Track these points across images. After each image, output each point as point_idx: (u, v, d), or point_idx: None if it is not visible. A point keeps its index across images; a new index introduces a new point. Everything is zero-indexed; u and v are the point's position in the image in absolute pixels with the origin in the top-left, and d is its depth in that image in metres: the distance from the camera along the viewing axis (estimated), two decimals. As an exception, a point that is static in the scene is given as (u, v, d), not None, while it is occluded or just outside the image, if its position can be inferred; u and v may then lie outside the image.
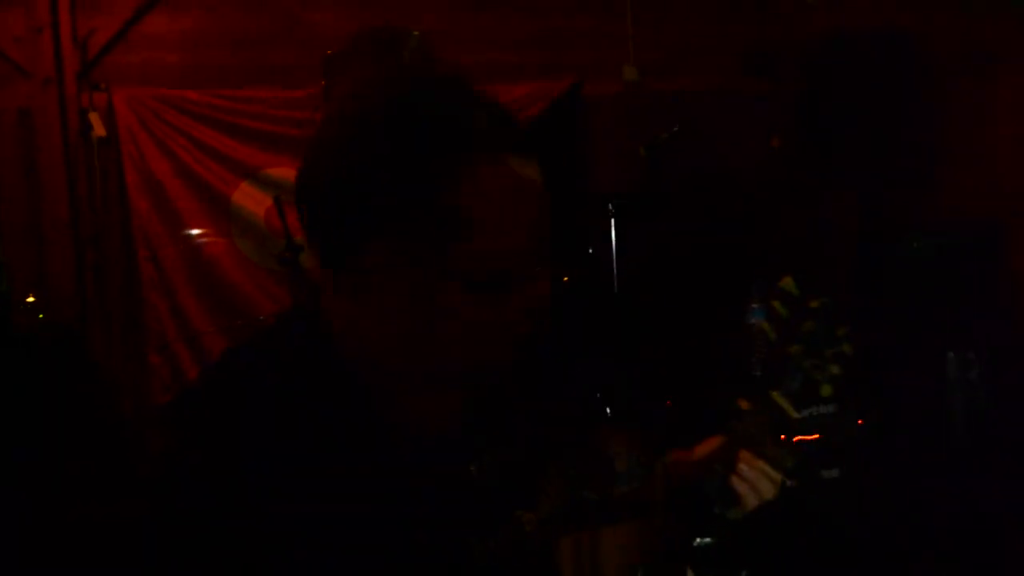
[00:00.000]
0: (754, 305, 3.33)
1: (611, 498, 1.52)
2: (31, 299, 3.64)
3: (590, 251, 3.96)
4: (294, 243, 3.41)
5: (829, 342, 1.04)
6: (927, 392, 3.45)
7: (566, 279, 3.51)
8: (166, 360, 4.15)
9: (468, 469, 1.04)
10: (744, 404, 1.06)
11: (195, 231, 4.23)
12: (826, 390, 1.04)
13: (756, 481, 1.04)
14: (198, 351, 4.20)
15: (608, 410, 3.01)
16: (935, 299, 3.47)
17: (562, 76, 4.66)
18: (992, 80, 4.03)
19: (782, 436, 1.03)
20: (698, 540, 1.04)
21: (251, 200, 4.27)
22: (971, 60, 4.11)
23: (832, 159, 4.46)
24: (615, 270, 3.70)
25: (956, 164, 4.22)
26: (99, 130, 3.99)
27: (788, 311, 1.05)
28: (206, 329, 4.18)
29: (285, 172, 4.31)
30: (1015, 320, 3.60)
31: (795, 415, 1.01)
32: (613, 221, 3.74)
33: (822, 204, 4.64)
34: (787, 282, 1.06)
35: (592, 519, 1.84)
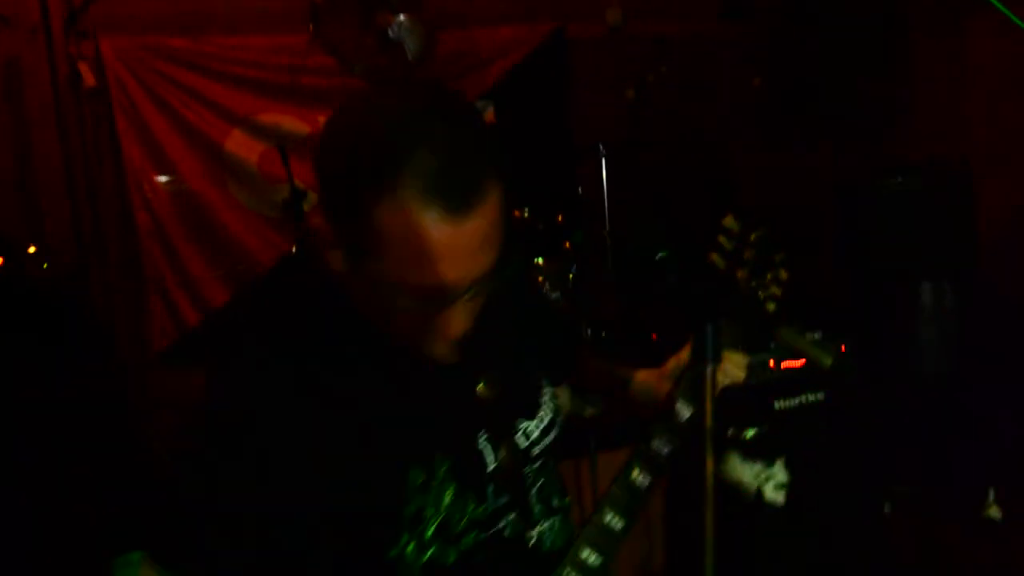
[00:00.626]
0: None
1: (603, 423, 1.67)
2: (33, 249, 3.66)
3: (580, 191, 4.08)
4: (297, 189, 3.49)
5: (768, 267, 1.22)
6: (904, 319, 3.66)
7: (560, 219, 3.63)
8: (165, 306, 4.22)
9: (475, 389, 1.19)
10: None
11: (189, 178, 4.26)
12: (770, 306, 1.22)
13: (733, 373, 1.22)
14: (196, 296, 4.27)
15: (597, 343, 3.15)
16: (912, 233, 3.66)
17: (546, 20, 4.72)
18: (964, 27, 4.18)
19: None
20: (744, 433, 1.19)
21: (243, 147, 4.31)
22: (944, 6, 4.26)
23: (807, 102, 4.60)
24: (606, 210, 3.84)
25: (926, 111, 4.39)
26: (88, 80, 3.98)
27: (732, 244, 1.21)
28: (203, 275, 4.25)
29: (276, 118, 4.37)
30: (986, 253, 3.80)
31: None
32: (604, 163, 3.86)
33: (798, 145, 4.80)
34: (728, 220, 1.22)
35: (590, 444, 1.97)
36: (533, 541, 1.22)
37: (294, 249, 3.57)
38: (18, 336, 3.26)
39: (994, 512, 3.21)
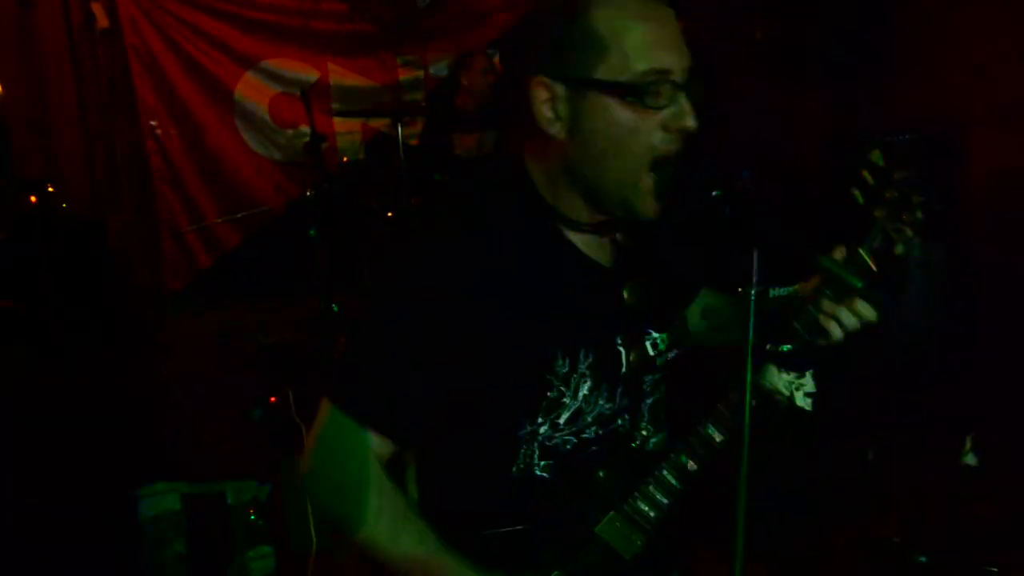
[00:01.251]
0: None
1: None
2: (51, 189, 3.73)
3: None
4: (317, 134, 3.56)
5: (907, 208, 1.22)
6: (894, 272, 3.81)
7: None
8: (179, 248, 4.31)
9: (621, 293, 1.29)
10: (838, 253, 1.24)
11: (200, 121, 4.32)
12: (899, 249, 1.23)
13: (842, 317, 1.24)
14: (209, 239, 4.37)
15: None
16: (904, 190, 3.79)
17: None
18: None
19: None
20: (781, 347, 1.30)
21: (254, 91, 4.37)
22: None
23: (805, 56, 4.68)
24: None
25: (919, 71, 4.48)
26: (102, 21, 4.02)
27: (875, 180, 1.22)
28: (215, 219, 4.34)
29: (287, 63, 4.42)
30: (973, 212, 3.94)
31: (875, 269, 1.25)
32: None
33: (794, 98, 4.90)
34: (875, 155, 1.22)
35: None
36: (638, 443, 1.32)
37: (309, 192, 3.66)
38: (51, 274, 3.36)
39: (970, 459, 3.39)
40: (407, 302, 1.17)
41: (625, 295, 1.29)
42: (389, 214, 3.58)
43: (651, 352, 1.33)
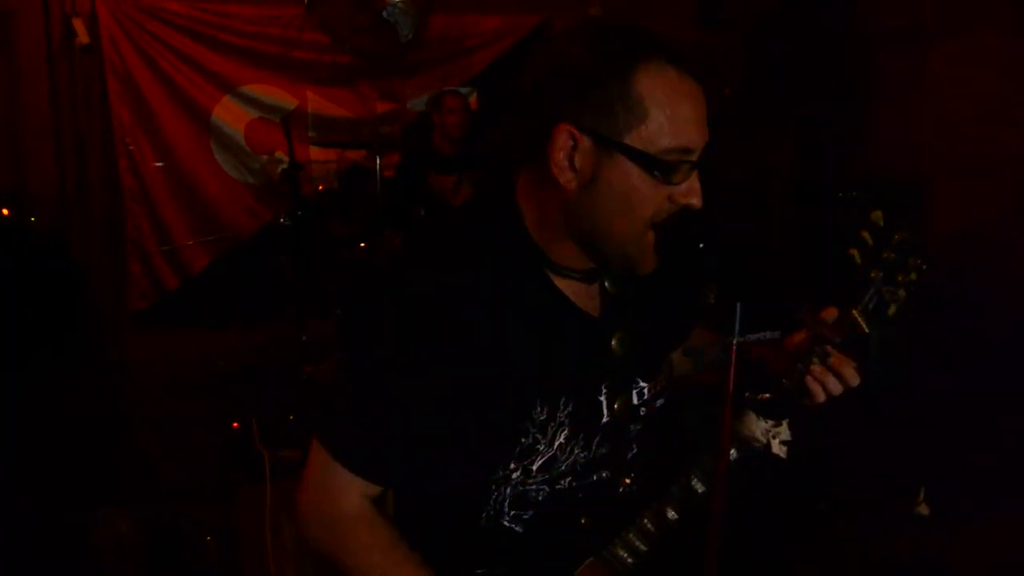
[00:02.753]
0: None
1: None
2: (5, 212, 3.67)
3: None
4: (296, 162, 3.57)
5: (903, 270, 1.22)
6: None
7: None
8: (145, 268, 4.26)
9: (609, 344, 1.30)
10: (828, 314, 1.25)
11: (175, 143, 4.29)
12: (892, 310, 1.23)
13: (828, 382, 1.24)
14: (176, 261, 4.32)
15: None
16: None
17: (532, 13, 4.85)
18: (924, 49, 4.42)
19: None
20: (760, 396, 1.31)
21: (231, 116, 4.37)
22: (906, 30, 4.49)
23: (773, 112, 4.81)
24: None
25: (885, 125, 4.63)
26: (83, 37, 4.00)
27: (874, 240, 1.22)
28: (185, 241, 4.30)
29: (266, 89, 4.43)
30: (935, 265, 4.05)
31: (867, 330, 1.27)
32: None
33: (764, 152, 5.02)
34: (876, 215, 1.21)
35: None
36: (622, 491, 1.33)
37: (282, 220, 3.66)
38: (12, 288, 3.30)
39: (923, 509, 3.45)
40: (394, 349, 1.18)
41: (614, 345, 1.30)
42: (362, 244, 3.58)
43: (636, 401, 1.35)
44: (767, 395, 1.31)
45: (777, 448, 1.33)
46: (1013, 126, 3.95)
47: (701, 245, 1.19)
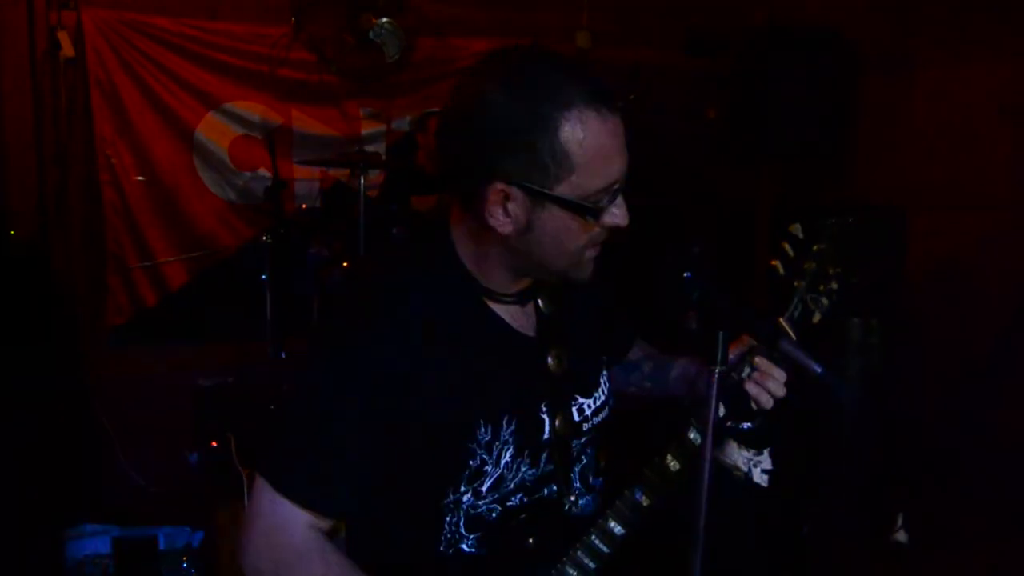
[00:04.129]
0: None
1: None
2: None
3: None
4: (280, 180, 3.57)
5: (824, 279, 1.28)
6: (831, 352, 3.92)
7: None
8: (124, 283, 4.23)
9: (546, 362, 1.33)
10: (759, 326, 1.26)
11: (158, 158, 4.27)
12: (816, 318, 1.29)
13: (768, 386, 1.27)
14: (156, 277, 4.29)
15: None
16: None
17: (519, 37, 4.87)
18: (906, 79, 4.48)
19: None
20: (742, 425, 1.33)
21: (215, 132, 4.35)
22: (889, 58, 4.56)
23: (757, 138, 4.85)
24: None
25: (868, 153, 4.69)
26: (67, 50, 3.98)
27: (795, 251, 1.28)
28: (165, 256, 4.27)
29: (250, 106, 4.42)
30: (914, 294, 4.10)
31: (793, 338, 1.28)
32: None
33: (746, 178, 5.07)
34: (795, 227, 1.28)
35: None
36: (567, 507, 1.35)
37: (265, 237, 3.65)
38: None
39: (901, 536, 3.47)
40: (334, 379, 1.20)
41: (550, 362, 1.33)
42: (344, 264, 3.57)
43: (577, 418, 1.37)
44: (748, 424, 1.33)
45: (759, 477, 1.35)
46: (994, 157, 4.01)
47: (686, 275, 1.21)
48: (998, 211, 3.98)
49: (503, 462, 1.26)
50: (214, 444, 3.33)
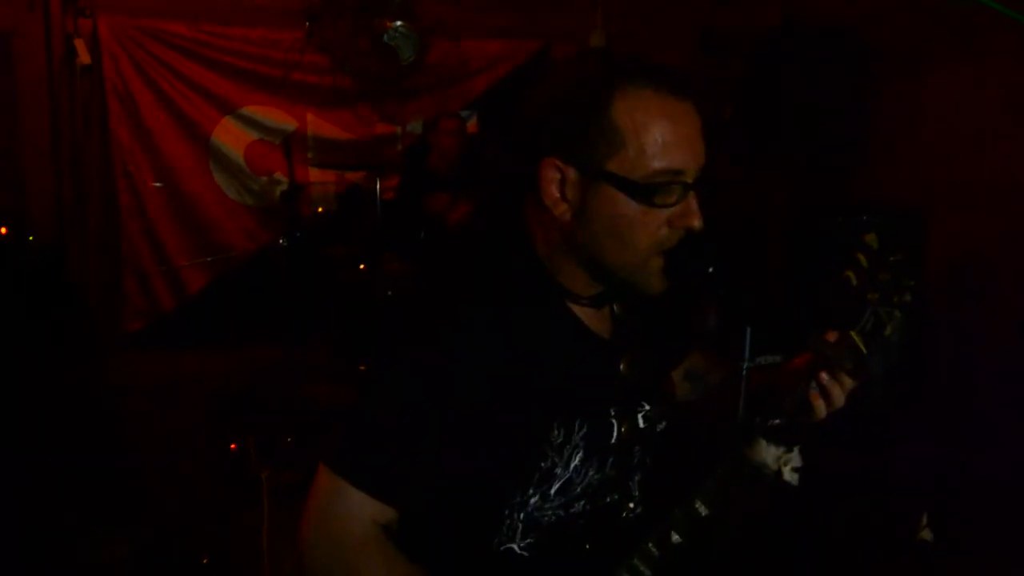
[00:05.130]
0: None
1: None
2: (3, 230, 3.67)
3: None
4: (296, 183, 3.58)
5: (898, 291, 1.23)
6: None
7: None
8: (141, 288, 4.25)
9: (618, 366, 1.31)
10: (830, 337, 1.25)
11: (174, 163, 4.29)
12: (888, 331, 1.24)
13: (831, 397, 1.24)
14: (173, 281, 4.31)
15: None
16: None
17: (533, 38, 4.88)
18: (923, 78, 4.45)
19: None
20: (769, 421, 1.31)
21: (231, 137, 4.37)
22: (906, 58, 4.53)
23: (773, 138, 4.83)
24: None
25: (884, 154, 4.66)
26: (84, 57, 4.01)
27: (868, 263, 1.23)
28: (182, 261, 4.29)
29: (265, 111, 4.44)
30: (932, 291, 4.07)
31: (865, 351, 1.27)
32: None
33: (761, 178, 5.04)
34: (871, 237, 1.23)
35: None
36: (624, 514, 1.33)
37: (281, 241, 3.66)
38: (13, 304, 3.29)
39: (927, 535, 3.44)
40: (414, 376, 1.17)
41: (622, 367, 1.32)
42: (361, 267, 3.58)
43: (642, 424, 1.35)
44: (777, 421, 1.31)
45: (788, 475, 1.33)
46: (1013, 154, 3.98)
47: (711, 269, 1.20)
48: (1016, 210, 3.94)
49: (572, 466, 1.25)
50: (233, 447, 3.34)
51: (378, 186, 3.51)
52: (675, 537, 1.26)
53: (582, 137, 1.13)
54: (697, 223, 1.17)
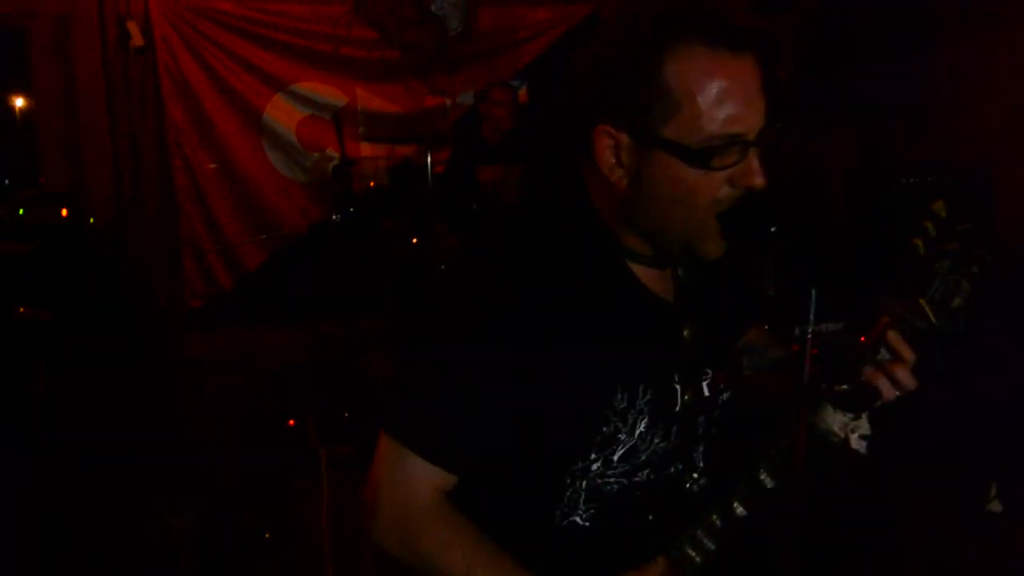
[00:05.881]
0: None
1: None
2: (64, 213, 3.73)
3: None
4: (347, 158, 3.58)
5: (967, 260, 1.19)
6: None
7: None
8: (200, 267, 4.31)
9: (682, 332, 1.27)
10: (899, 307, 1.20)
11: (227, 142, 4.33)
12: (956, 302, 1.19)
13: (902, 359, 1.18)
14: (230, 259, 4.36)
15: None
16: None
17: (582, 2, 4.80)
18: (990, 33, 4.28)
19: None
20: (836, 387, 1.27)
21: (283, 114, 4.39)
22: (972, 13, 4.35)
23: (833, 97, 4.70)
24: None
25: (950, 111, 4.50)
26: (137, 39, 4.05)
27: (937, 231, 1.19)
28: (238, 240, 4.34)
29: (316, 87, 4.44)
30: (1004, 255, 3.93)
31: (935, 321, 1.23)
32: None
33: (821, 138, 4.91)
34: (938, 205, 1.19)
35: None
36: (688, 485, 1.30)
37: (334, 216, 3.66)
38: (75, 287, 3.36)
39: (995, 506, 3.35)
40: (472, 337, 1.15)
41: (685, 333, 1.27)
42: (414, 240, 3.57)
43: (707, 393, 1.32)
44: (844, 387, 1.27)
45: (856, 443, 1.29)
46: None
47: (772, 229, 1.15)
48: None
49: (637, 432, 1.21)
50: (291, 423, 3.38)
51: (429, 159, 3.49)
52: (739, 509, 1.24)
53: (633, 103, 1.08)
54: (759, 181, 1.12)
